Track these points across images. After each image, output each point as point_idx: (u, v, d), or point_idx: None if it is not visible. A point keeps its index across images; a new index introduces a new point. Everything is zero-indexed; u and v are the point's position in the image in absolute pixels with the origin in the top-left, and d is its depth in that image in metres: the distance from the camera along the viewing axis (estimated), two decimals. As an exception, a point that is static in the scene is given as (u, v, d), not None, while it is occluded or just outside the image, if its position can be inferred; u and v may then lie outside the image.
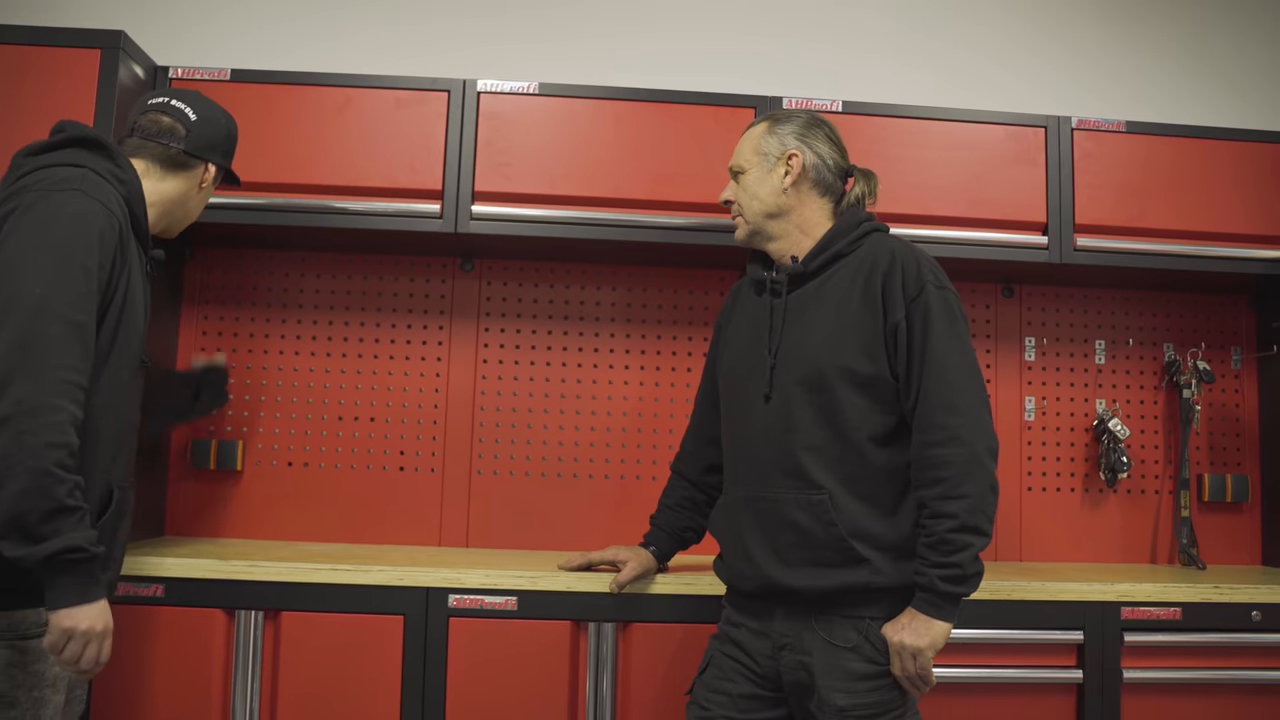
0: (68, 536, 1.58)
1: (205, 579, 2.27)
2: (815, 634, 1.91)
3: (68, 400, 1.59)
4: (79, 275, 1.65)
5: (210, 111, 2.04)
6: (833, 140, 2.09)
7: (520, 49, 3.11)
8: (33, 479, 1.55)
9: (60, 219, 1.67)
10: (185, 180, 1.99)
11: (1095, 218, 2.74)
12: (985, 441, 1.85)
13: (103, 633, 1.66)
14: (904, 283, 1.91)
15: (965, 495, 1.81)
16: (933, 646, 1.84)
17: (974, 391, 1.88)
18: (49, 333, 1.59)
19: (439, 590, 2.29)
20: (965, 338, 1.92)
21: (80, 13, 3.02)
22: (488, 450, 2.90)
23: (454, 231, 2.59)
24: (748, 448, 2.02)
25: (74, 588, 1.62)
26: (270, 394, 2.89)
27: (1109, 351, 3.08)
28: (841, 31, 3.19)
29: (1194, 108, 3.24)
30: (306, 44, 3.08)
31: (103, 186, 1.76)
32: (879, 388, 1.92)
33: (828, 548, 1.89)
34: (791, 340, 1.98)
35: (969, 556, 1.81)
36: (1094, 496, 3.01)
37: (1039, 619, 2.37)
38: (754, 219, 2.07)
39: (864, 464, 1.91)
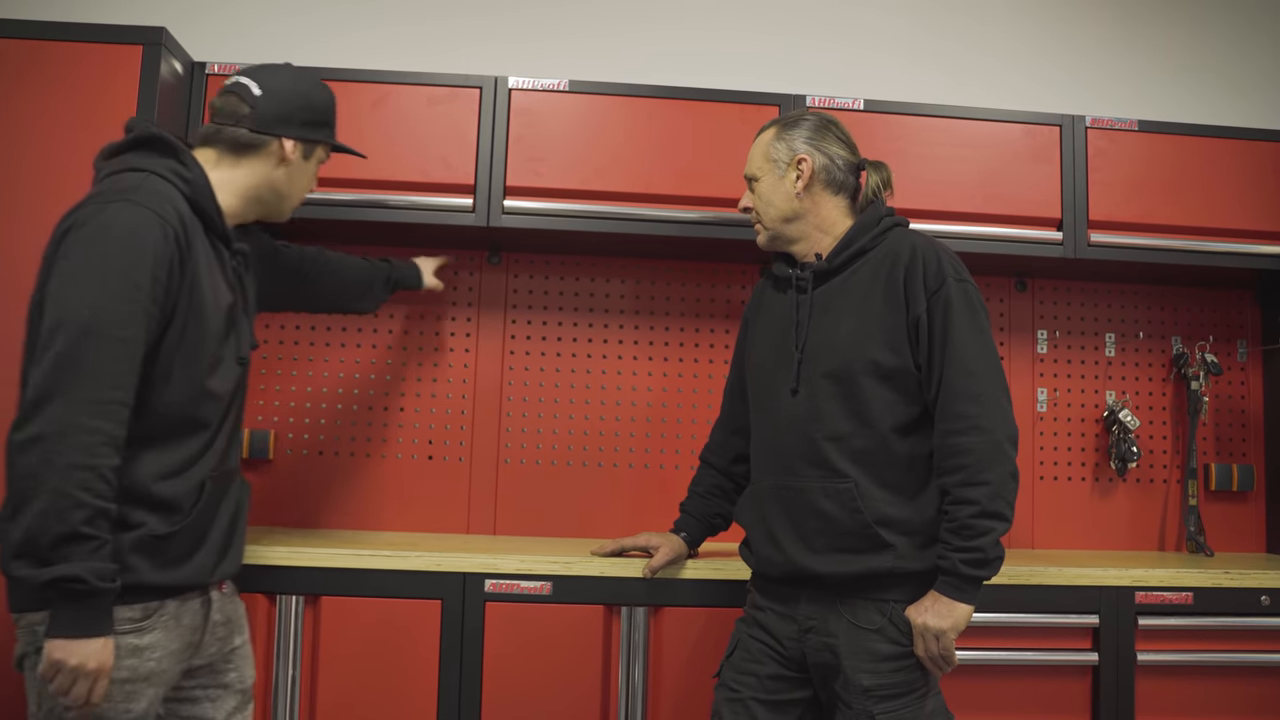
0: (72, 565, 1.54)
1: (247, 564, 2.30)
2: (840, 617, 1.97)
3: (104, 420, 1.58)
4: (128, 292, 1.63)
5: (281, 83, 1.91)
6: (842, 139, 2.13)
7: (549, 45, 3.17)
8: (52, 501, 1.53)
9: (110, 234, 1.64)
10: (259, 162, 1.90)
11: (1108, 214, 2.81)
12: (1006, 430, 1.91)
13: (95, 671, 1.61)
14: (925, 276, 1.96)
15: (987, 482, 1.87)
16: (955, 628, 1.90)
17: (994, 381, 1.94)
18: (93, 352, 1.58)
19: (475, 575, 2.35)
20: (985, 329, 1.97)
21: (120, 10, 3.06)
22: (514, 439, 2.96)
23: (486, 225, 2.65)
24: (775, 438, 2.08)
25: (70, 619, 1.58)
26: (301, 385, 2.94)
27: (1119, 344, 3.15)
28: (862, 33, 3.26)
29: (1197, 108, 3.31)
30: (338, 37, 3.13)
31: (160, 191, 1.72)
32: (902, 379, 1.97)
33: (853, 534, 1.95)
34: (818, 335, 2.04)
35: (990, 541, 1.88)
36: (1104, 485, 3.09)
37: (1055, 603, 2.45)
38: (772, 225, 2.12)
39: (888, 453, 1.97)
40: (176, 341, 1.73)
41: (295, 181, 1.96)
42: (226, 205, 1.87)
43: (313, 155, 1.98)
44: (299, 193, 1.99)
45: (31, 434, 1.54)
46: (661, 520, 2.51)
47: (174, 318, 1.72)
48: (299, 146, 1.93)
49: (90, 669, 1.60)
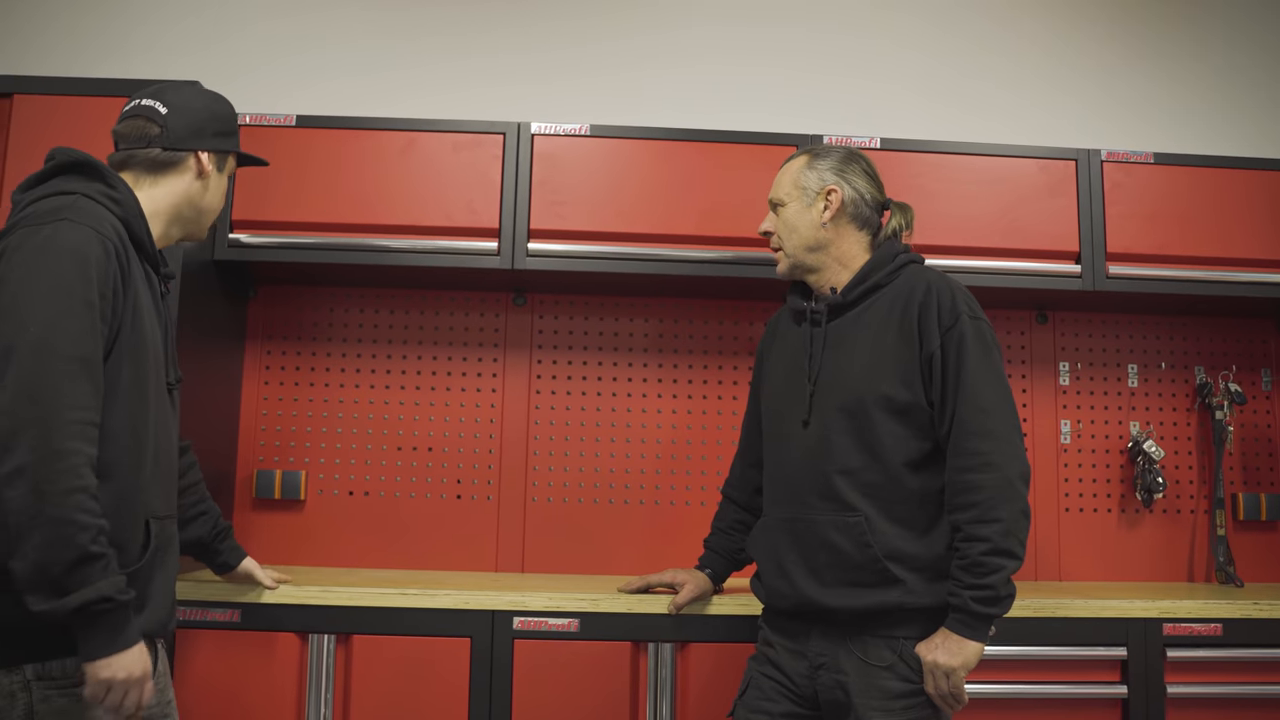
0: (95, 587, 1.52)
1: (280, 604, 2.36)
2: (851, 654, 1.97)
3: (81, 441, 1.53)
4: (79, 310, 1.57)
5: (185, 99, 1.87)
6: (869, 175, 2.16)
7: (570, 84, 3.25)
8: (54, 529, 1.49)
9: (50, 252, 1.58)
10: (177, 178, 1.85)
11: (1126, 246, 2.83)
12: (1018, 467, 1.91)
13: (141, 678, 1.61)
14: (939, 313, 1.98)
15: (998, 519, 1.87)
16: (965, 666, 1.89)
17: (1006, 418, 1.94)
18: (54, 375, 1.52)
19: (504, 613, 2.37)
20: (998, 366, 1.98)
21: (151, 64, 3.17)
22: (541, 478, 3.00)
23: (510, 268, 2.70)
24: (786, 471, 2.09)
25: (106, 637, 1.56)
26: (331, 426, 3.00)
27: (1141, 375, 3.16)
28: (877, 72, 3.31)
29: (1213, 139, 3.33)
30: (363, 79, 3.23)
31: (93, 211, 1.66)
32: (914, 414, 1.98)
33: (863, 568, 1.95)
34: (830, 368, 2.05)
35: (1001, 579, 1.87)
36: (1130, 517, 3.08)
37: (1083, 636, 2.44)
38: (794, 252, 2.14)
39: (899, 488, 1.97)
40: (122, 362, 1.67)
41: (213, 195, 1.92)
42: (154, 228, 1.83)
43: (225, 166, 1.95)
44: (216, 206, 1.95)
45: (13, 467, 1.49)
46: (688, 556, 2.54)
47: (119, 337, 1.66)
48: (213, 158, 1.90)
49: (138, 676, 1.60)
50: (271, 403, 2.99)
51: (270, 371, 3.01)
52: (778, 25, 3.32)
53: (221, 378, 2.85)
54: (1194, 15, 3.42)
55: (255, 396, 2.99)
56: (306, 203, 2.69)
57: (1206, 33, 3.42)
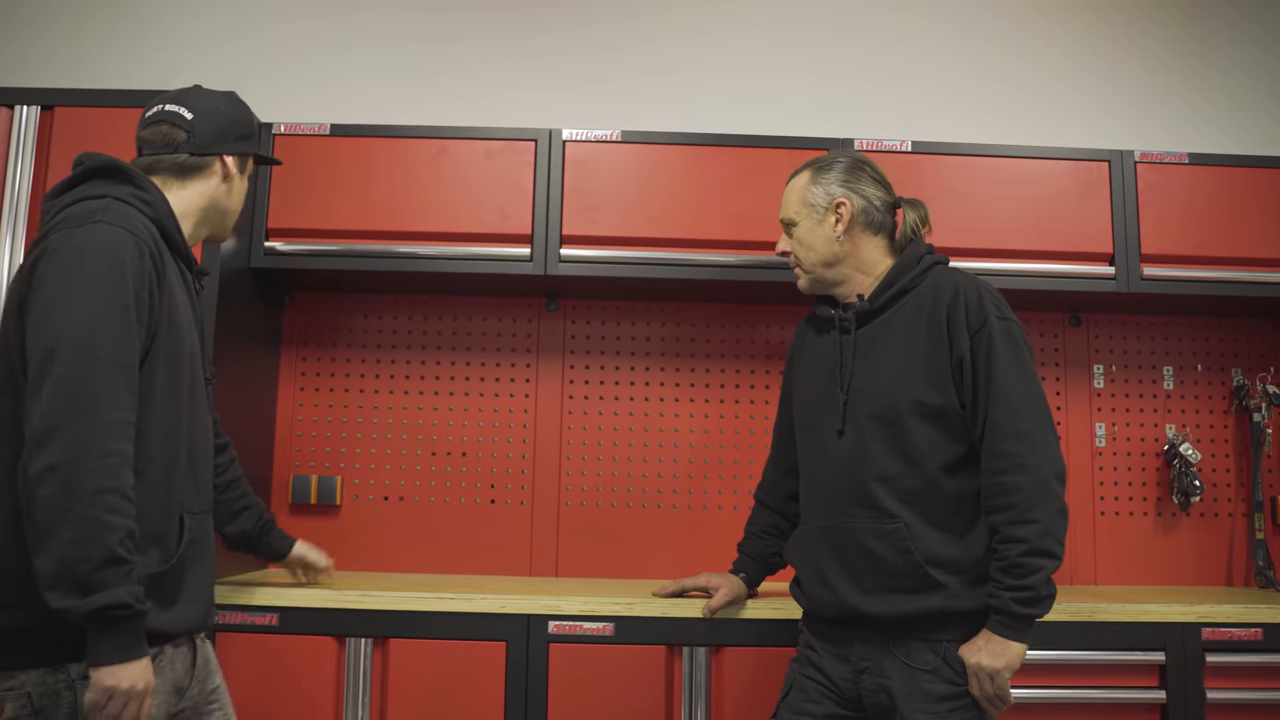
0: (113, 592, 1.52)
1: (317, 608, 2.38)
2: (894, 658, 1.97)
3: (118, 441, 1.55)
4: (116, 313, 1.60)
5: (208, 104, 1.92)
6: (877, 179, 2.15)
7: (600, 89, 3.26)
8: (83, 527, 1.50)
9: (86, 255, 1.61)
10: (204, 182, 1.90)
11: (1160, 247, 2.81)
12: (1053, 467, 1.91)
13: (143, 691, 1.59)
14: (968, 315, 1.97)
15: (1035, 520, 1.87)
16: (1009, 667, 1.89)
17: (1040, 418, 1.93)
18: (93, 376, 1.55)
19: (539, 617, 2.38)
20: (1030, 366, 1.97)
21: (184, 74, 3.21)
22: (575, 482, 3.01)
23: (543, 274, 2.72)
24: (823, 480, 2.09)
25: (117, 645, 1.56)
26: (366, 431, 3.02)
27: (1177, 377, 3.13)
28: (907, 76, 3.31)
29: (1248, 139, 3.30)
30: (396, 83, 3.25)
31: (126, 213, 1.69)
32: (948, 418, 1.98)
33: (905, 575, 1.95)
34: (862, 376, 2.05)
35: (1041, 579, 1.86)
36: (1167, 520, 3.06)
37: (1120, 640, 2.42)
38: (813, 269, 2.15)
39: (936, 492, 1.97)
40: (158, 362, 1.70)
41: (235, 196, 1.97)
42: (182, 228, 1.86)
43: (245, 169, 2.00)
44: (238, 206, 2.00)
45: (47, 464, 1.51)
46: (721, 560, 2.54)
47: (156, 338, 1.69)
48: (236, 161, 1.95)
49: (139, 690, 1.58)
50: (307, 408, 3.02)
51: (305, 377, 3.04)
52: (806, 31, 3.32)
53: (257, 384, 2.88)
54: (1227, 14, 3.39)
55: (291, 402, 3.02)
56: (340, 210, 2.71)
57: (1240, 32, 3.39)
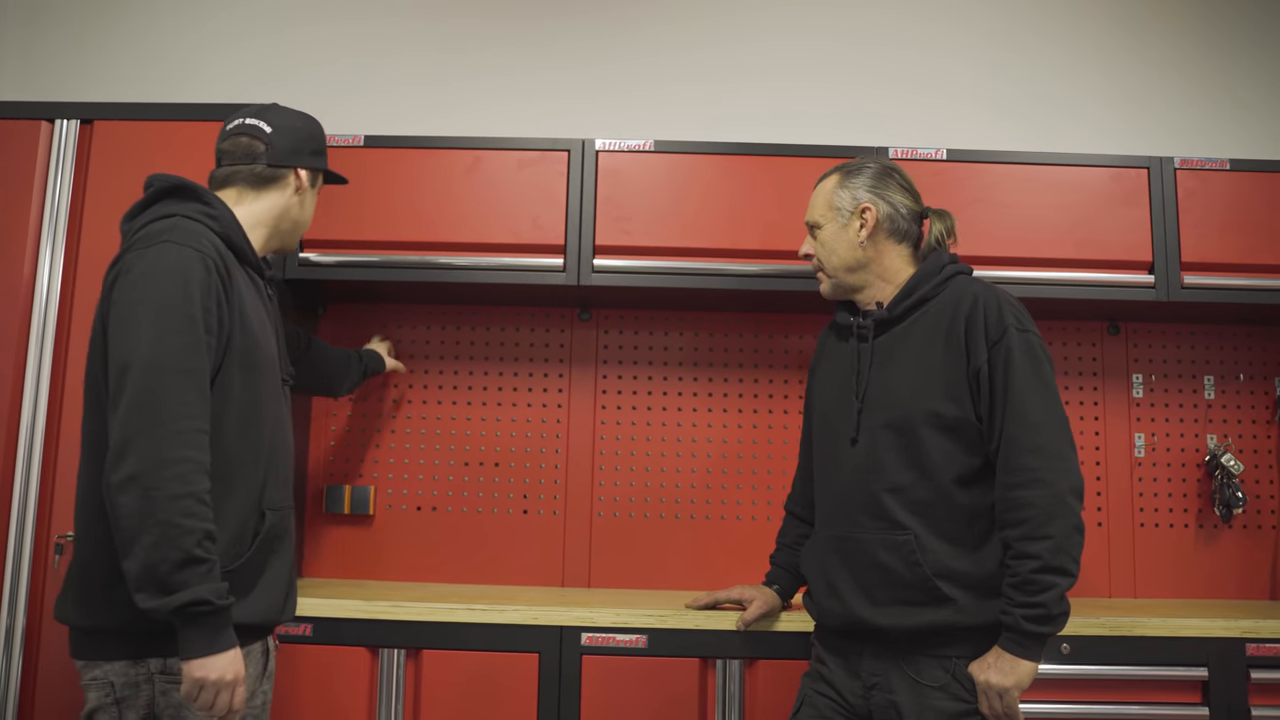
0: (195, 589, 1.61)
1: (351, 619, 2.39)
2: (904, 673, 1.95)
3: (190, 449, 1.65)
4: (183, 326, 1.69)
5: (286, 120, 2.04)
6: (905, 187, 2.14)
7: (630, 98, 3.26)
8: (162, 532, 1.60)
9: (155, 274, 1.72)
10: (278, 193, 2.00)
11: (1201, 255, 2.76)
12: (1069, 482, 1.87)
13: (233, 681, 1.69)
14: (987, 326, 1.95)
15: (1049, 536, 1.83)
16: (1019, 686, 1.86)
17: (1057, 433, 1.90)
18: (163, 387, 1.65)
19: (572, 629, 2.38)
20: (1049, 379, 1.93)
21: (215, 87, 3.25)
22: (608, 493, 3.01)
23: (576, 284, 2.71)
24: (836, 489, 2.08)
25: (203, 639, 1.65)
26: (399, 441, 3.03)
27: (1218, 386, 3.08)
28: (941, 85, 3.28)
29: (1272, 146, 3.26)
30: (424, 89, 3.28)
31: (193, 230, 1.79)
32: (963, 430, 1.96)
33: (914, 587, 1.93)
34: (878, 384, 2.04)
35: (1054, 596, 1.83)
36: (1209, 532, 3.01)
37: (1161, 655, 2.38)
38: (835, 273, 2.14)
39: (949, 505, 1.95)
40: (234, 368, 1.80)
41: (307, 209, 2.07)
42: (255, 239, 1.98)
43: (317, 183, 2.09)
44: (308, 220, 2.10)
45: (127, 474, 1.61)
46: (754, 571, 2.53)
47: (230, 345, 1.79)
48: (308, 175, 2.05)
49: (229, 679, 1.68)
50: (340, 419, 3.03)
51: (339, 388, 3.04)
52: (837, 40, 3.31)
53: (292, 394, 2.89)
54: (1269, 17, 3.33)
55: (324, 412, 3.03)
56: (374, 221, 2.73)
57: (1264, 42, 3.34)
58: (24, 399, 2.53)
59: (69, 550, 2.47)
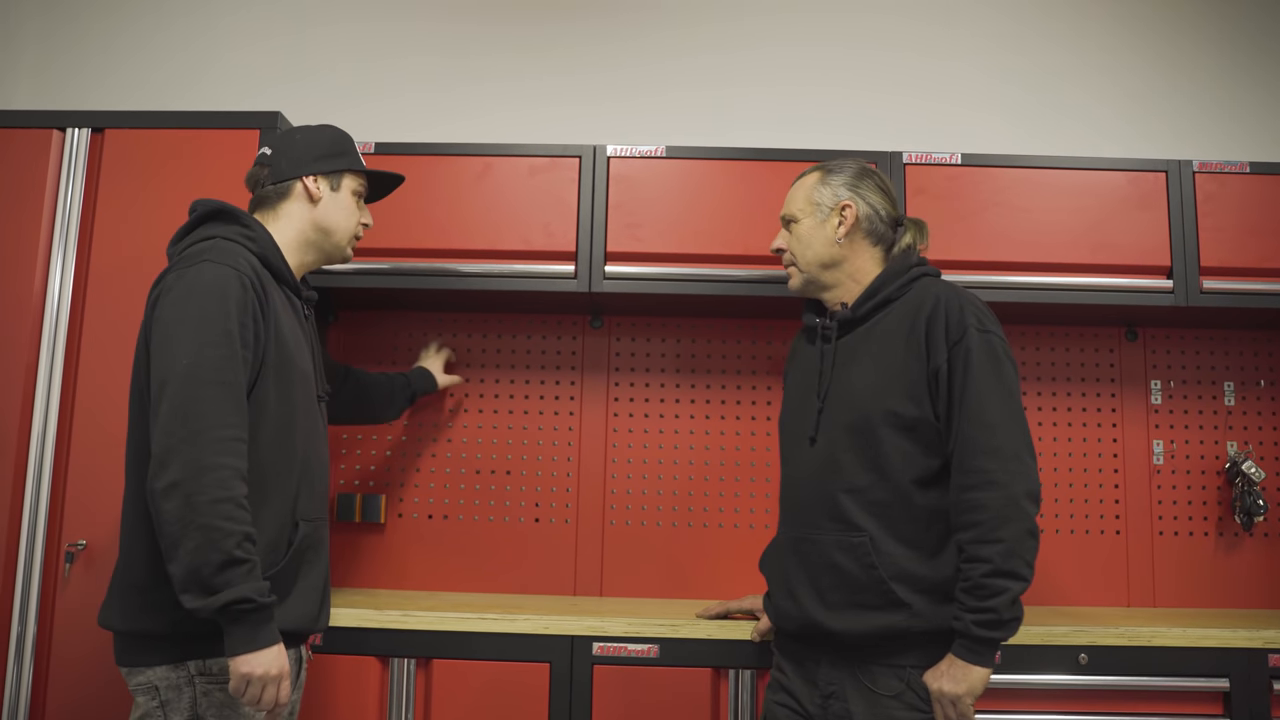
0: (238, 588, 1.68)
1: (361, 628, 2.38)
2: (859, 682, 1.93)
3: (229, 456, 1.71)
4: (220, 340, 1.77)
5: (287, 137, 2.08)
6: (883, 190, 2.13)
7: (640, 104, 3.25)
8: (204, 535, 1.66)
9: (195, 292, 1.80)
10: (292, 206, 2.05)
11: (1221, 259, 2.73)
12: (1024, 485, 1.84)
13: (278, 675, 1.75)
14: (947, 326, 1.92)
15: (1000, 539, 1.80)
16: (971, 693, 1.83)
17: (1014, 435, 1.87)
18: (202, 398, 1.72)
19: (583, 638, 2.37)
20: (1009, 381, 1.90)
21: (225, 94, 3.25)
22: (620, 501, 2.98)
23: (588, 291, 2.70)
24: (794, 490, 2.08)
25: (247, 636, 1.72)
26: (410, 449, 3.02)
27: (1238, 393, 3.04)
28: (955, 90, 3.26)
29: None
30: (434, 101, 3.27)
31: (231, 250, 1.87)
32: (922, 431, 1.93)
33: (868, 590, 1.91)
34: (839, 385, 2.03)
35: (1004, 601, 1.80)
36: (1229, 540, 2.97)
37: (1182, 666, 2.35)
38: (808, 268, 2.12)
39: (907, 506, 1.92)
40: (269, 383, 1.87)
41: (333, 214, 2.07)
42: (288, 257, 2.03)
43: (341, 186, 2.09)
44: (344, 224, 2.09)
45: (169, 481, 1.68)
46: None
47: (265, 360, 1.86)
48: (320, 180, 2.06)
49: (274, 674, 1.74)
50: (352, 426, 3.02)
51: (351, 395, 3.03)
52: (843, 46, 3.29)
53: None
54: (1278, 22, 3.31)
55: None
56: (385, 228, 2.71)
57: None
58: (35, 408, 2.53)
59: (80, 559, 2.47)
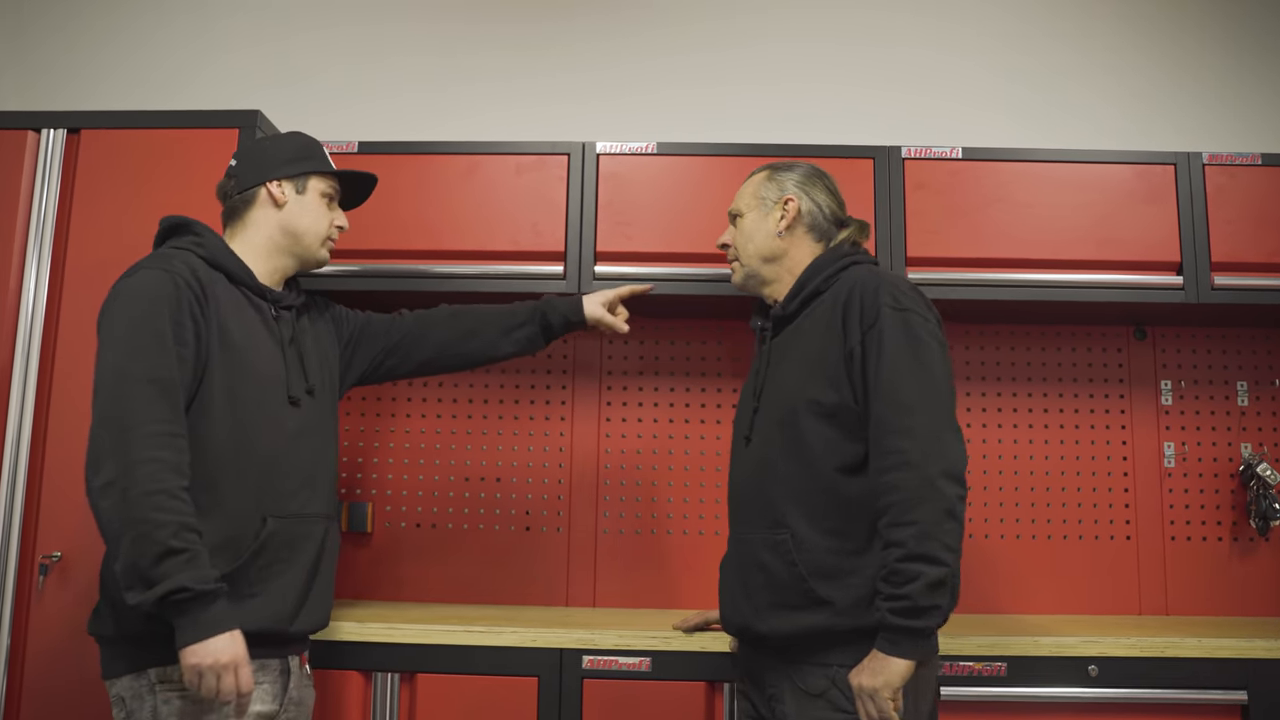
0: (175, 579, 1.66)
1: (343, 641, 2.30)
2: (793, 683, 1.86)
3: (160, 450, 1.71)
4: (149, 339, 1.78)
5: (249, 146, 2.09)
6: (830, 191, 2.10)
7: (630, 102, 3.18)
8: (138, 528, 1.66)
9: (124, 296, 1.83)
10: (258, 212, 2.04)
11: (1232, 254, 2.64)
12: (940, 465, 1.73)
13: (231, 662, 1.71)
14: (862, 308, 1.85)
15: (913, 522, 1.70)
16: (888, 685, 1.72)
17: (930, 413, 1.77)
18: (131, 396, 1.73)
19: (573, 651, 2.29)
20: (928, 358, 1.81)
21: (212, 94, 3.19)
22: (613, 509, 2.90)
23: (578, 292, 2.62)
24: (734, 491, 2.05)
25: (191, 625, 1.69)
26: (398, 456, 2.94)
27: (1252, 393, 2.95)
28: (955, 86, 3.18)
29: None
30: (428, 94, 3.21)
31: (169, 255, 1.89)
32: (843, 417, 1.85)
33: (790, 589, 1.84)
34: (771, 383, 1.99)
35: (920, 587, 1.68)
36: (1244, 545, 2.87)
37: (1196, 678, 2.26)
38: (749, 262, 2.08)
39: (832, 497, 1.84)
40: (217, 380, 1.86)
41: (300, 218, 2.06)
42: (258, 265, 2.03)
43: (307, 189, 2.07)
44: (312, 228, 2.07)
45: (104, 480, 1.69)
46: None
47: (210, 358, 1.86)
48: (285, 184, 2.05)
49: (225, 661, 1.70)
50: (350, 426, 2.94)
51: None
52: (836, 42, 3.22)
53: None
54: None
55: (323, 427, 2.95)
56: (370, 230, 2.64)
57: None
58: (9, 415, 2.46)
59: (54, 571, 2.41)
